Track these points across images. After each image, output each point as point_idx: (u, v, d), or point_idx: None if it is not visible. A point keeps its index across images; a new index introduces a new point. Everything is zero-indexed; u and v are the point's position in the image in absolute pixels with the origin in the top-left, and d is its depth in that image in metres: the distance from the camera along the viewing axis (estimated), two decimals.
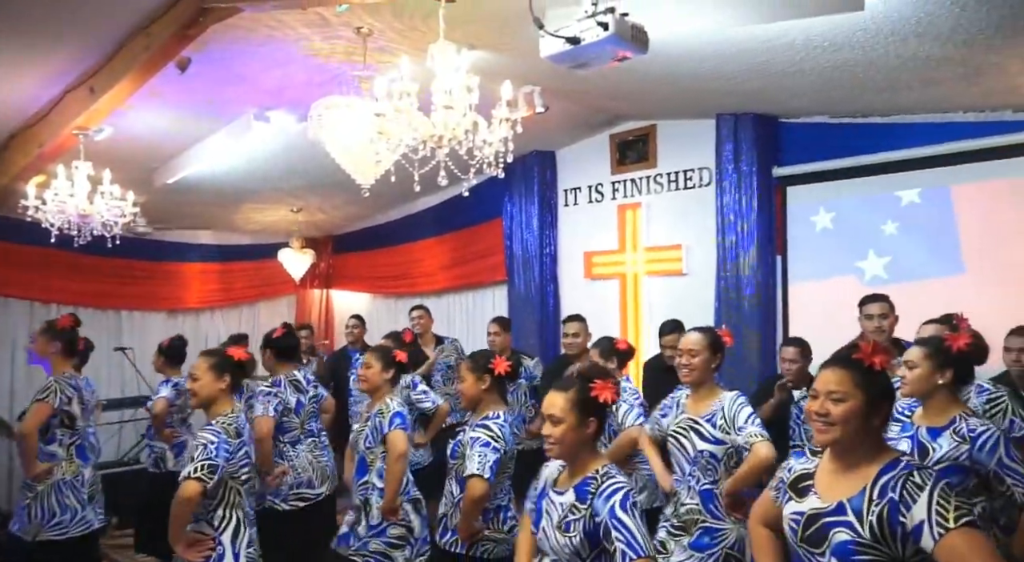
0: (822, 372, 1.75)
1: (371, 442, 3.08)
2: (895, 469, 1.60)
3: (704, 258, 5.45)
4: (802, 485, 1.75)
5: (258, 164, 5.65)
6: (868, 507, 1.58)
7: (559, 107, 5.03)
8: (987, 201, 4.33)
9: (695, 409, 2.71)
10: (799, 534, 1.70)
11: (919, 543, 1.50)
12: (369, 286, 8.17)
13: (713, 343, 2.74)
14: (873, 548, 1.56)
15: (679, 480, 2.67)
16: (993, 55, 3.30)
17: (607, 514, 1.89)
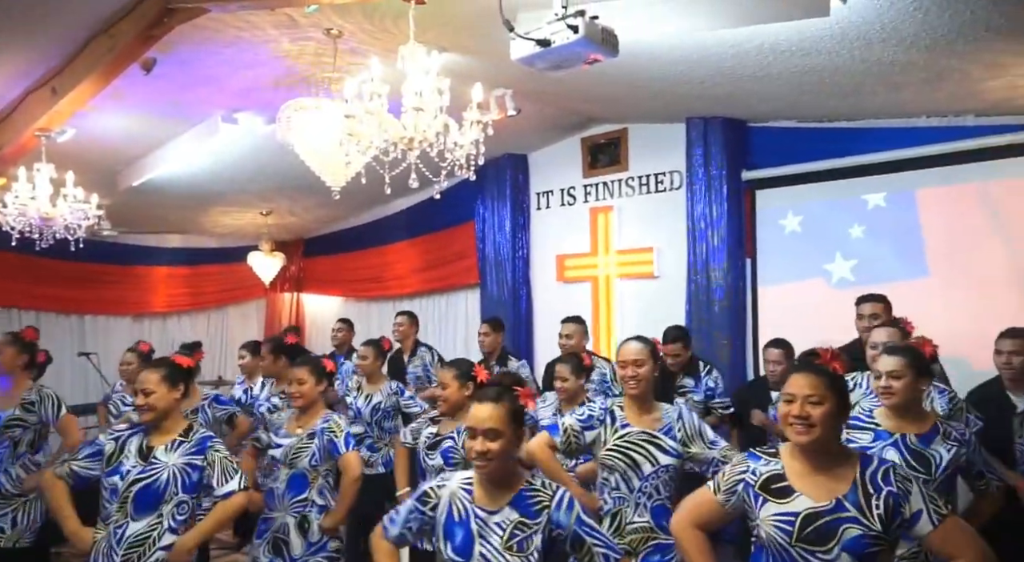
0: (794, 377, 1.82)
1: (318, 460, 3.00)
2: (872, 464, 1.76)
3: (675, 261, 5.49)
4: (776, 487, 1.78)
5: (226, 166, 5.56)
6: (868, 501, 1.70)
7: (531, 110, 5.04)
8: (951, 205, 4.43)
9: (645, 422, 2.53)
10: (794, 534, 1.73)
11: (914, 527, 1.69)
12: (341, 290, 8.09)
13: (654, 352, 2.62)
14: (881, 539, 1.69)
15: (623, 498, 2.48)
16: (955, 60, 3.37)
17: (575, 524, 1.83)
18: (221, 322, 8.01)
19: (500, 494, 1.87)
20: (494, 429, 1.84)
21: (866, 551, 1.68)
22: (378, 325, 7.23)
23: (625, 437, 2.49)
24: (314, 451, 2.99)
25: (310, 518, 2.99)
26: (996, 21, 2.88)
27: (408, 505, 1.95)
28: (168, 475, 2.49)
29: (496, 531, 1.84)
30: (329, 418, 3.07)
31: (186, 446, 2.54)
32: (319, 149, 3.67)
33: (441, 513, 1.89)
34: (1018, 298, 4.13)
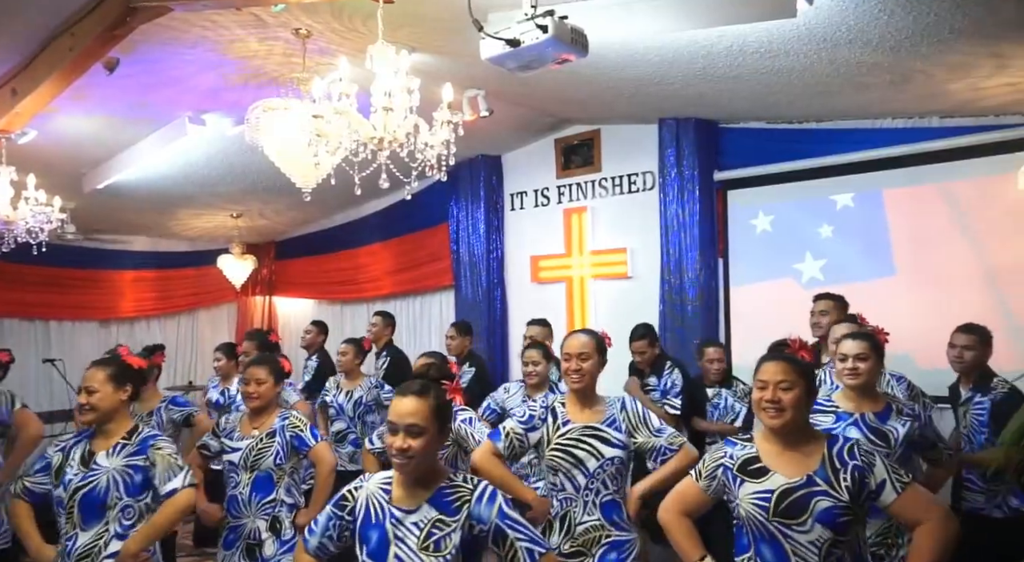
0: (766, 365, 1.97)
1: (283, 459, 2.94)
2: (838, 443, 1.92)
3: (648, 261, 5.52)
4: (752, 468, 1.93)
5: (195, 168, 5.47)
6: (836, 475, 1.85)
7: (504, 111, 5.02)
8: (917, 205, 4.51)
9: (587, 416, 2.41)
10: (771, 510, 1.87)
11: (880, 497, 1.83)
12: (313, 292, 8.00)
13: (600, 345, 2.51)
14: (850, 509, 1.83)
15: (570, 498, 2.35)
16: (919, 62, 3.43)
17: (496, 517, 1.73)
18: (191, 326, 7.88)
19: (419, 492, 1.77)
20: (416, 425, 1.72)
21: (837, 521, 1.82)
22: (352, 328, 7.17)
23: (567, 434, 2.39)
24: (277, 450, 2.92)
25: (281, 518, 2.94)
26: (959, 23, 2.93)
27: (326, 512, 1.85)
28: (108, 480, 2.40)
29: (412, 531, 1.74)
30: (287, 415, 3.01)
31: (128, 448, 2.45)
32: (288, 150, 3.62)
33: (359, 516, 1.80)
34: (981, 296, 4.21)
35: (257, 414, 3.01)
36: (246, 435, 2.98)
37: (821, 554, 1.81)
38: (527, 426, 2.45)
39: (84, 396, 2.45)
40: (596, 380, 2.48)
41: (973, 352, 3.27)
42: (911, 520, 1.84)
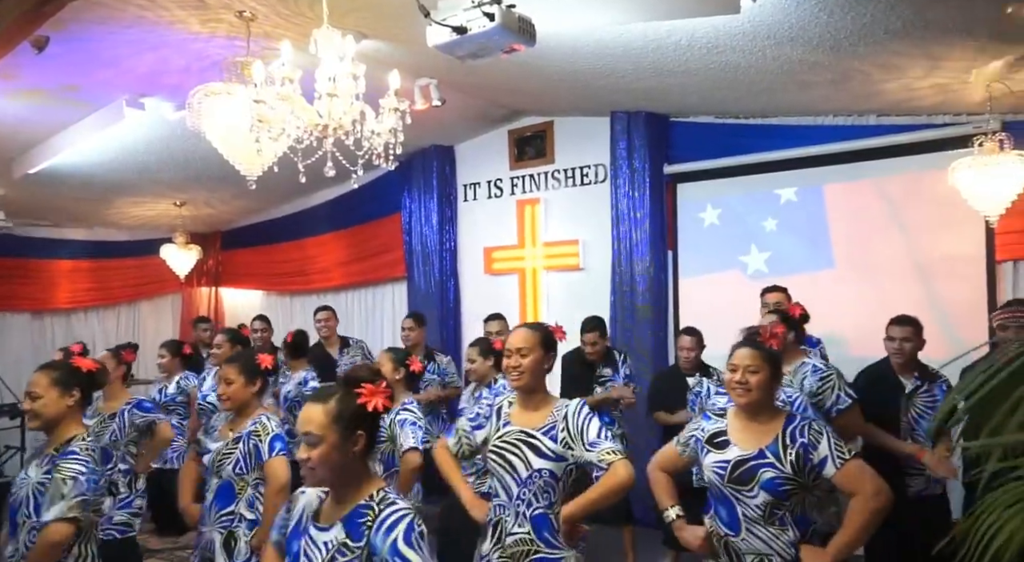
0: (738, 351, 2.25)
1: (244, 468, 2.69)
2: (795, 422, 2.17)
3: (600, 253, 5.57)
4: (719, 440, 2.22)
5: (134, 154, 5.28)
6: (784, 450, 2.11)
7: (457, 101, 4.99)
8: (854, 200, 4.66)
9: (526, 420, 2.23)
10: (726, 477, 2.17)
11: (823, 471, 2.08)
12: (262, 283, 7.84)
13: (545, 340, 2.30)
14: (792, 480, 2.10)
15: (503, 505, 2.19)
16: (857, 61, 3.54)
17: (388, 551, 1.52)
18: (132, 318, 7.63)
19: (338, 509, 1.62)
20: (312, 434, 1.58)
21: (779, 489, 2.10)
22: (302, 319, 7.04)
23: (503, 437, 2.22)
24: (238, 457, 2.68)
25: (237, 534, 2.68)
26: (892, 25, 3.03)
27: (281, 510, 1.80)
28: (25, 494, 2.24)
29: (320, 552, 1.59)
30: (258, 421, 2.73)
31: (52, 460, 2.26)
32: (232, 137, 3.51)
33: (291, 522, 1.71)
34: (914, 287, 4.38)
35: (237, 416, 2.80)
36: (222, 437, 2.79)
37: (764, 515, 2.12)
38: (474, 424, 2.34)
39: (28, 402, 2.31)
40: (540, 377, 2.28)
41: (911, 343, 3.37)
42: (848, 491, 2.10)
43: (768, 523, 2.11)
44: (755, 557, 2.13)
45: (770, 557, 2.12)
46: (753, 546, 2.13)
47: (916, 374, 3.42)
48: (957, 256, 4.28)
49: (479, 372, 3.67)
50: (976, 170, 3.65)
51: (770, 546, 2.12)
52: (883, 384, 3.46)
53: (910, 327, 3.40)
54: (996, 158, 3.62)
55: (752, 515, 2.12)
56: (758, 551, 2.13)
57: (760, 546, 2.12)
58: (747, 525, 2.14)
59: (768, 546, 2.12)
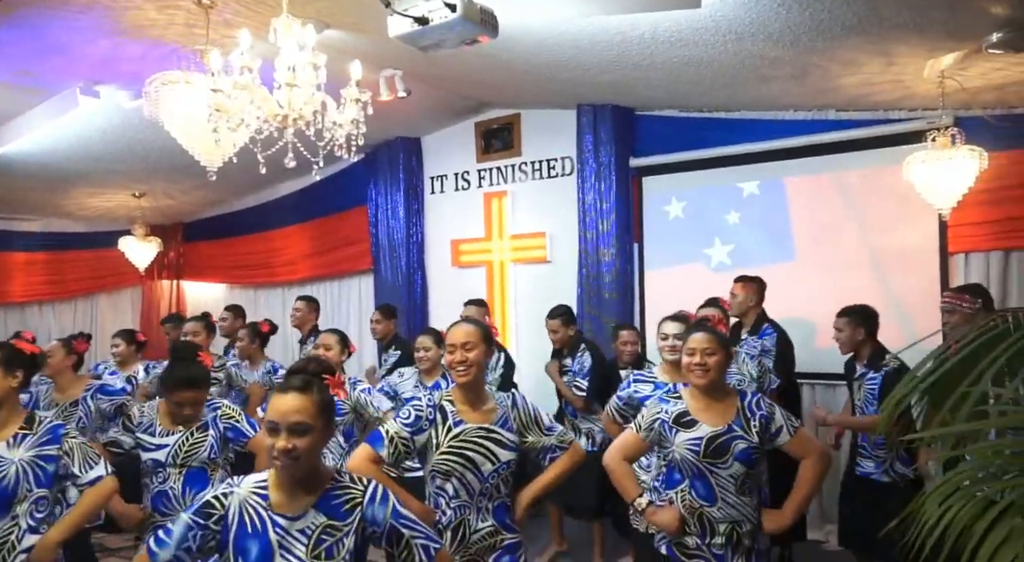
0: (694, 336, 2.41)
1: (217, 452, 2.78)
2: (747, 397, 2.39)
3: (567, 246, 5.59)
4: (685, 420, 2.37)
5: (90, 144, 5.15)
6: (748, 423, 2.33)
7: (423, 92, 4.96)
8: (814, 194, 4.75)
9: (480, 417, 2.23)
10: (701, 452, 2.32)
11: (778, 438, 2.34)
12: (225, 276, 7.72)
13: (486, 335, 2.32)
14: (758, 448, 2.33)
15: (465, 505, 2.19)
16: (816, 57, 3.60)
17: (391, 517, 1.65)
18: (90, 312, 7.46)
19: (303, 496, 1.63)
20: (302, 423, 1.59)
21: (751, 458, 2.32)
22: (267, 312, 6.93)
23: (460, 436, 2.19)
24: (211, 443, 2.75)
25: None
26: (849, 21, 3.09)
27: (183, 520, 1.63)
28: (16, 471, 2.28)
29: (300, 539, 1.60)
30: (218, 405, 2.86)
31: (32, 439, 2.34)
32: (191, 126, 3.44)
33: (231, 526, 1.61)
34: (870, 279, 4.49)
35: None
36: (172, 430, 2.76)
37: (736, 484, 2.31)
38: (413, 429, 2.19)
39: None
40: (483, 373, 2.30)
41: (844, 332, 3.55)
42: (799, 455, 2.36)
43: (740, 492, 2.31)
44: (728, 525, 2.31)
45: (741, 523, 2.31)
46: (728, 514, 2.31)
47: (865, 361, 3.57)
48: (912, 248, 4.40)
49: (432, 360, 3.73)
50: (929, 164, 3.74)
51: (741, 512, 2.31)
52: (849, 372, 3.69)
53: (844, 318, 3.58)
54: (948, 152, 3.71)
55: (726, 485, 2.31)
56: (731, 519, 2.31)
57: (733, 514, 2.31)
58: (722, 495, 2.31)
59: (740, 512, 2.31)
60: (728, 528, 2.31)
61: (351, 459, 2.22)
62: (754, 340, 3.98)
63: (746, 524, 2.32)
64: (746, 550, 2.31)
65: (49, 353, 3.63)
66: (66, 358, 3.69)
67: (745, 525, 2.32)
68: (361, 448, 2.21)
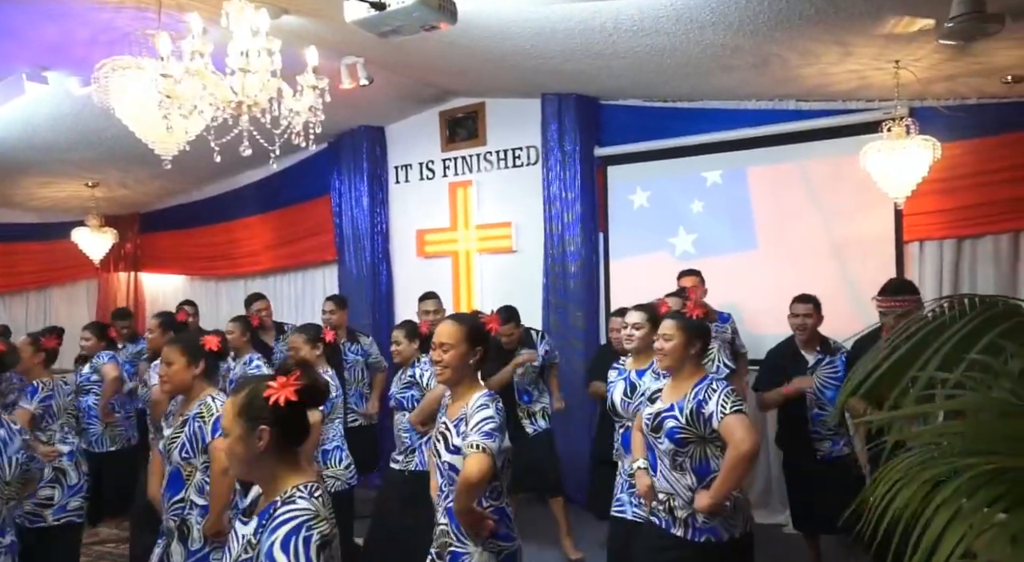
0: (663, 322, 2.59)
1: (189, 452, 2.61)
2: (703, 382, 2.49)
3: (533, 236, 5.59)
4: (654, 397, 2.61)
5: (39, 132, 4.98)
6: (685, 405, 2.45)
7: (386, 81, 4.89)
8: (776, 183, 4.81)
9: (451, 411, 2.25)
10: (649, 426, 2.54)
11: (711, 422, 2.40)
12: (185, 268, 7.55)
13: (471, 334, 2.23)
14: (685, 429, 2.42)
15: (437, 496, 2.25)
16: (775, 46, 3.64)
17: (265, 553, 1.47)
18: (43, 305, 7.25)
19: (262, 504, 1.60)
20: (224, 427, 1.59)
21: (675, 437, 2.43)
22: (228, 304, 6.84)
23: (437, 427, 2.27)
24: (183, 441, 2.60)
25: (189, 522, 2.59)
26: (807, 11, 3.12)
27: None
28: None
29: (236, 545, 1.57)
30: (203, 402, 2.67)
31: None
32: (144, 114, 3.34)
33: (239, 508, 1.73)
34: (829, 267, 4.58)
35: (186, 400, 2.73)
36: (174, 422, 2.72)
37: (670, 459, 2.46)
38: None
39: None
40: (465, 371, 2.22)
41: (812, 319, 3.66)
42: (726, 441, 2.39)
43: (672, 468, 2.45)
44: (665, 495, 2.48)
45: (674, 496, 2.46)
46: (663, 486, 2.48)
47: (818, 348, 3.68)
48: (869, 237, 4.49)
49: (404, 355, 3.69)
50: (885, 154, 3.81)
51: (673, 487, 2.46)
52: (788, 359, 3.76)
53: (811, 304, 3.67)
54: (903, 142, 3.79)
55: (663, 459, 2.48)
56: (667, 490, 2.48)
57: (667, 486, 2.47)
58: (660, 468, 2.50)
59: (672, 487, 2.46)
60: (665, 498, 2.49)
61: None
62: (719, 326, 4.07)
63: (678, 499, 2.45)
64: (682, 522, 2.44)
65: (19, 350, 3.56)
66: (34, 355, 3.63)
67: (677, 499, 2.45)
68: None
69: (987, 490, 1.30)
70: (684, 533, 2.41)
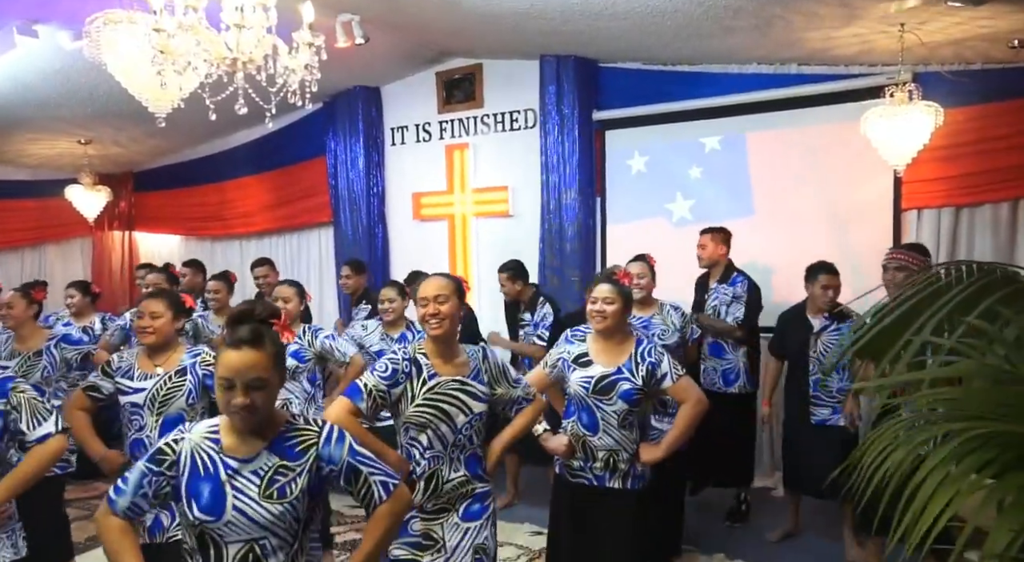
0: (599, 286, 2.64)
1: (195, 398, 2.72)
2: (642, 344, 2.63)
3: (530, 200, 5.56)
4: (582, 360, 2.64)
5: (30, 87, 4.89)
6: (636, 368, 2.58)
7: (382, 40, 4.80)
8: (775, 149, 4.78)
9: (453, 369, 2.26)
10: (591, 389, 2.59)
11: (662, 384, 2.59)
12: (179, 228, 7.51)
13: (459, 288, 2.34)
14: (641, 390, 2.57)
15: (438, 456, 2.23)
16: (779, 8, 3.57)
17: (348, 455, 1.67)
18: (38, 262, 7.20)
19: (253, 440, 1.64)
20: (258, 379, 1.58)
21: (632, 398, 2.57)
22: (223, 264, 6.80)
23: (434, 389, 2.22)
24: (190, 389, 2.70)
25: None
26: None
27: (139, 468, 1.66)
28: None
29: (252, 480, 1.62)
30: (199, 352, 2.79)
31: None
32: (136, 69, 3.27)
33: (183, 471, 1.63)
34: (827, 234, 4.57)
35: (158, 351, 2.76)
36: (149, 373, 2.72)
37: (619, 419, 2.58)
38: (390, 382, 2.21)
39: None
40: (456, 326, 2.30)
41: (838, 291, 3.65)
42: (680, 400, 2.63)
43: (621, 426, 2.59)
44: (606, 452, 2.60)
45: (618, 452, 2.60)
46: (606, 444, 2.60)
47: (827, 314, 3.69)
48: (867, 204, 4.48)
49: (396, 312, 3.92)
50: (886, 120, 3.78)
51: (619, 443, 2.60)
52: (796, 324, 3.81)
53: (834, 274, 3.67)
54: (905, 108, 3.75)
55: (609, 419, 2.58)
56: (609, 448, 2.60)
57: (612, 444, 2.60)
58: (604, 428, 2.59)
59: (618, 444, 2.60)
60: (606, 455, 2.60)
61: (329, 410, 2.21)
62: (725, 287, 4.09)
63: (623, 453, 2.60)
64: (623, 474, 2.61)
65: (10, 304, 3.61)
66: (28, 308, 3.68)
67: (622, 454, 2.60)
68: (339, 401, 2.20)
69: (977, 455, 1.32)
70: (622, 484, 2.61)
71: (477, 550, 2.25)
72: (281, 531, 1.61)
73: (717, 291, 4.10)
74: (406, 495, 1.77)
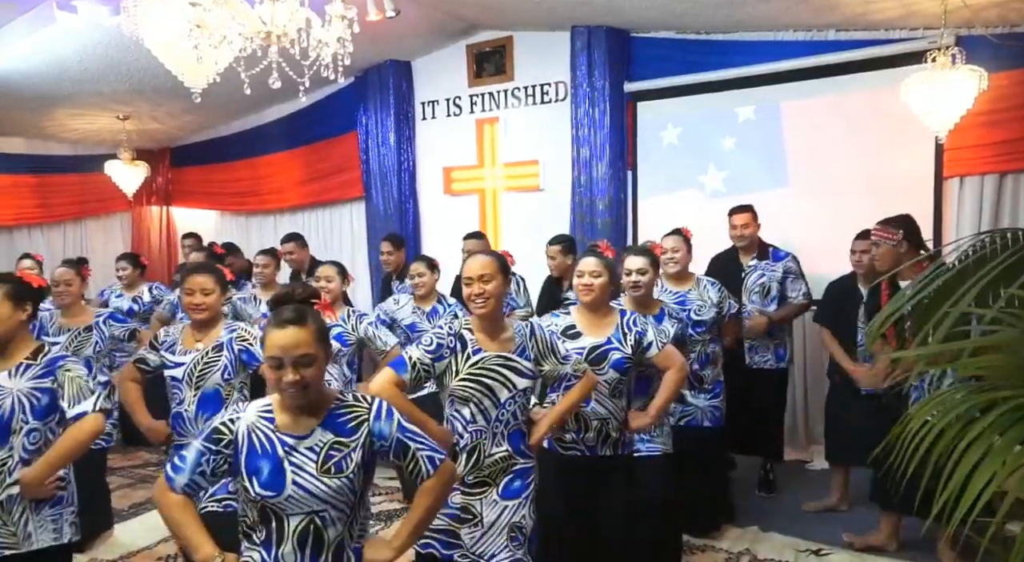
0: (585, 260, 2.71)
1: (232, 373, 2.78)
2: (627, 316, 2.71)
3: (560, 173, 5.53)
4: (571, 332, 2.68)
5: (70, 62, 4.98)
6: (625, 337, 2.66)
7: (412, 13, 4.79)
8: (810, 118, 4.67)
9: (498, 346, 2.30)
10: (584, 360, 2.57)
11: (648, 352, 2.67)
12: (215, 203, 7.63)
13: (503, 266, 2.34)
14: (631, 359, 2.64)
15: (481, 430, 2.26)
16: None
17: (397, 431, 1.75)
18: (80, 236, 7.39)
19: (308, 418, 1.72)
20: (307, 355, 1.65)
21: (623, 367, 2.63)
22: (258, 239, 6.92)
23: (479, 364, 2.25)
24: (226, 364, 2.77)
25: None
26: None
27: (196, 447, 1.72)
28: (12, 402, 2.29)
29: (309, 457, 1.68)
30: (235, 327, 2.86)
31: (34, 369, 2.33)
32: (174, 44, 3.31)
33: (241, 449, 1.69)
34: (865, 204, 4.46)
35: (204, 326, 2.83)
36: (189, 348, 2.81)
37: (610, 389, 2.63)
38: (434, 355, 2.26)
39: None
40: (502, 304, 2.32)
41: (868, 255, 3.60)
42: (663, 367, 2.70)
43: (612, 395, 2.64)
44: (598, 421, 2.64)
45: (608, 421, 2.65)
46: (598, 413, 2.63)
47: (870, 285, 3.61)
48: (907, 173, 4.37)
49: (427, 286, 4.02)
50: (928, 86, 3.66)
51: (610, 412, 2.65)
52: (844, 294, 3.78)
53: (868, 241, 3.57)
54: (947, 73, 3.63)
55: (601, 389, 2.62)
56: (601, 416, 2.64)
57: (603, 412, 2.64)
58: (596, 397, 2.61)
59: (609, 412, 2.65)
60: (599, 424, 2.63)
61: (374, 382, 2.26)
62: (769, 264, 4.05)
63: (613, 421, 2.65)
64: (613, 441, 2.66)
65: (67, 281, 3.70)
66: (81, 285, 3.83)
67: (612, 422, 2.65)
68: (385, 371, 2.27)
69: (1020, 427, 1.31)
70: (613, 451, 2.66)
71: (513, 528, 2.26)
72: (340, 503, 1.69)
73: (759, 268, 4.05)
74: (451, 469, 1.83)
